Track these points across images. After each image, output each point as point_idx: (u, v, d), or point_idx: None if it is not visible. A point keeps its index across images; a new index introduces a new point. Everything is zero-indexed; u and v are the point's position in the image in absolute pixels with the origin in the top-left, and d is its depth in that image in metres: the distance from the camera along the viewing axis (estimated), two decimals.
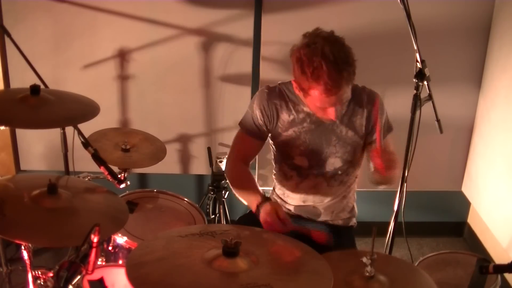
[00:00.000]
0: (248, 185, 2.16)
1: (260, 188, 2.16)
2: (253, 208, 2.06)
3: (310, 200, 2.26)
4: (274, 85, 2.20)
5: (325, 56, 1.89)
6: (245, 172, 2.22)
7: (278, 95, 2.17)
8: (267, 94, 2.18)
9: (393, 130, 2.25)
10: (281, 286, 1.46)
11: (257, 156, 3.23)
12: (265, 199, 2.07)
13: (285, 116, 2.17)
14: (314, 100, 1.99)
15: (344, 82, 1.93)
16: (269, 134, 2.24)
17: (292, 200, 2.30)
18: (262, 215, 1.99)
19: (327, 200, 2.26)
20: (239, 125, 2.27)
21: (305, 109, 2.15)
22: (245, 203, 2.15)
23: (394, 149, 2.20)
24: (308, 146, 2.17)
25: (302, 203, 2.28)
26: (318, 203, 2.26)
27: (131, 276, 1.44)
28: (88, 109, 2.11)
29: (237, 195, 2.19)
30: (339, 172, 2.21)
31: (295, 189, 2.26)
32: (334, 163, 2.19)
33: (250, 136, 2.23)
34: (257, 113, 2.19)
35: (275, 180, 2.36)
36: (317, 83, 1.91)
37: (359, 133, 2.16)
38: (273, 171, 2.35)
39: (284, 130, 2.18)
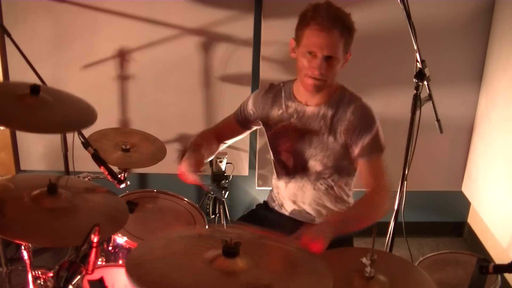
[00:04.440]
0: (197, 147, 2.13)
1: (260, 188, 2.15)
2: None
3: (299, 201, 2.26)
4: (277, 83, 2.26)
5: (329, 4, 2.01)
6: (210, 139, 2.23)
7: (275, 92, 2.23)
8: (264, 89, 2.25)
9: (383, 151, 2.10)
10: (281, 286, 1.46)
11: (257, 156, 3.25)
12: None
13: (275, 111, 2.21)
14: (305, 44, 2.00)
15: (337, 27, 1.96)
16: (261, 126, 2.27)
17: (284, 200, 2.31)
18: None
19: (316, 203, 2.25)
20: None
21: (295, 104, 2.16)
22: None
23: (380, 172, 2.08)
24: (292, 143, 2.19)
25: (292, 204, 2.28)
26: (307, 205, 2.26)
27: (131, 276, 1.43)
28: (86, 116, 2.04)
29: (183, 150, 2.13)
30: (325, 176, 2.19)
31: (285, 188, 2.28)
32: (314, 166, 2.18)
33: (234, 119, 2.31)
34: (250, 102, 2.27)
35: (273, 180, 2.38)
36: (313, 17, 1.98)
37: (338, 140, 2.12)
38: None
39: (274, 123, 2.21)
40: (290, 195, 2.27)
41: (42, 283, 2.09)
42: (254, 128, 2.33)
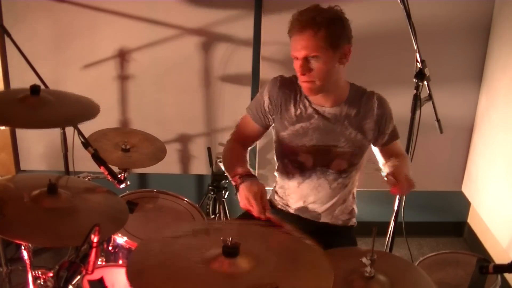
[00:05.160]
0: (237, 161, 2.11)
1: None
2: (234, 179, 2.01)
3: (311, 200, 2.25)
4: (290, 76, 2.21)
5: (311, 7, 2.01)
6: (239, 150, 2.20)
7: (290, 86, 2.18)
8: (279, 82, 2.19)
9: (399, 138, 2.25)
10: (285, 285, 1.44)
11: (257, 156, 3.25)
12: (251, 175, 2.02)
13: (292, 109, 2.17)
14: (291, 50, 2.03)
15: (309, 26, 1.95)
16: (273, 126, 2.23)
17: (293, 199, 2.29)
18: (243, 190, 1.94)
19: (327, 202, 2.25)
20: (246, 109, 2.27)
21: (312, 105, 2.15)
22: (230, 178, 2.08)
23: (402, 150, 2.25)
24: (315, 144, 2.17)
25: (302, 203, 2.27)
26: (318, 204, 2.26)
27: (133, 284, 1.41)
28: (88, 109, 2.09)
29: (224, 169, 2.16)
30: (343, 175, 2.21)
31: (296, 188, 2.26)
32: (340, 164, 2.18)
33: (254, 121, 2.24)
34: (266, 99, 2.19)
35: (276, 178, 2.35)
36: (291, 23, 2.01)
37: (367, 137, 2.17)
38: (276, 168, 2.34)
39: (291, 123, 2.18)
40: (302, 195, 2.26)
41: (42, 283, 2.08)
42: (271, 126, 2.26)
